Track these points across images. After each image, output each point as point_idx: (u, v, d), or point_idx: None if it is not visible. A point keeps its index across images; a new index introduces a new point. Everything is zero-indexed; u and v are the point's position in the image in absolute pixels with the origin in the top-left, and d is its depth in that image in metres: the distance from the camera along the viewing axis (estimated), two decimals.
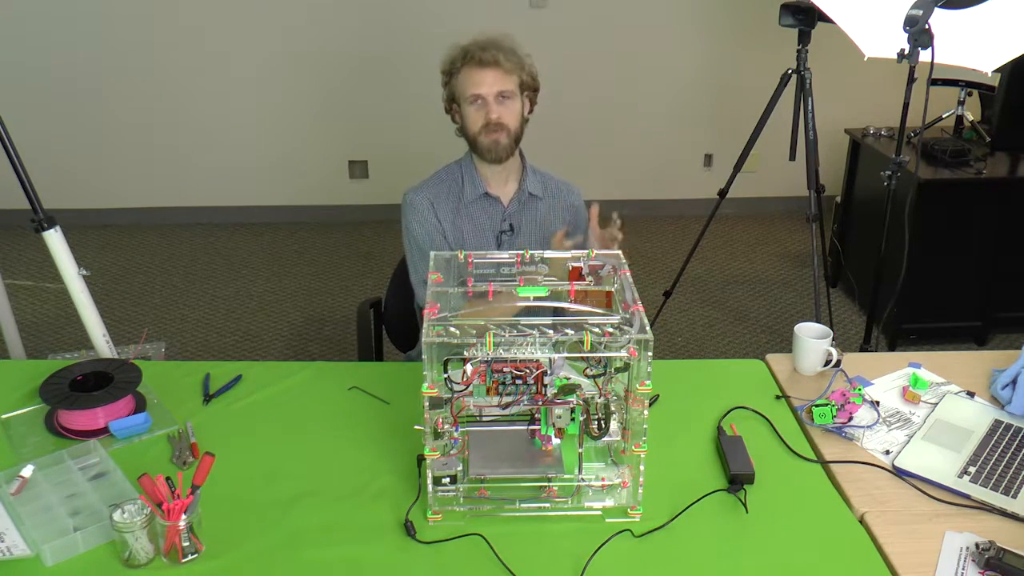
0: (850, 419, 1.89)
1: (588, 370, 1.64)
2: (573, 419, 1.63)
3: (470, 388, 1.60)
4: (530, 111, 2.27)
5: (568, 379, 1.65)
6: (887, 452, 1.84)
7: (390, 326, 2.54)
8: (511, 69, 2.17)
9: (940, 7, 2.48)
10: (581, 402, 1.63)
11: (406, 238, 2.30)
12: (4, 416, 1.90)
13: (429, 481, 1.62)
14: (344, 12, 4.50)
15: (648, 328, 1.56)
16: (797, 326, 2.10)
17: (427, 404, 1.56)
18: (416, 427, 1.64)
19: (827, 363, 2.09)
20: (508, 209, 2.28)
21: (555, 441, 1.70)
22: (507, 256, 1.81)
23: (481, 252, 1.83)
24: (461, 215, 2.27)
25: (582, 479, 1.67)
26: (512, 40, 2.20)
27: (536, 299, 1.76)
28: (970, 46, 2.66)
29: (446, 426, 1.62)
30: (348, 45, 4.57)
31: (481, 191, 2.26)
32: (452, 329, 1.56)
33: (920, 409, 1.98)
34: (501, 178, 2.27)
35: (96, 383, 1.92)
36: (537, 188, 2.30)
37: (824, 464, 1.81)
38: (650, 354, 1.55)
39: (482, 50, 2.15)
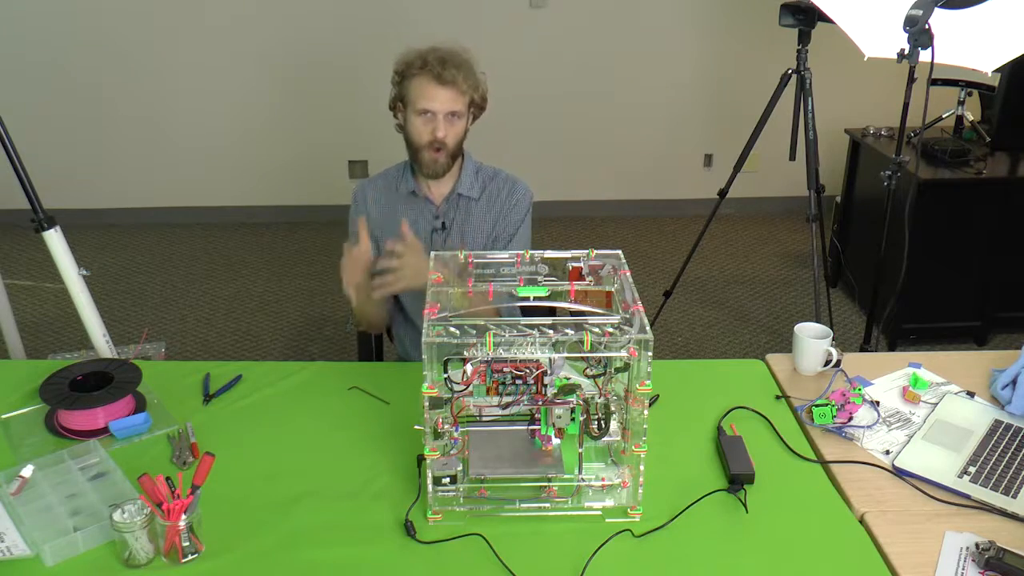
0: (850, 419, 1.89)
1: (588, 370, 1.64)
2: (573, 419, 1.63)
3: (470, 388, 1.60)
4: (472, 122, 2.27)
5: (568, 379, 1.65)
6: (887, 452, 1.84)
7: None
8: (466, 91, 2.17)
9: (940, 7, 2.48)
10: (581, 402, 1.63)
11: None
12: (4, 416, 1.90)
13: (429, 481, 1.62)
14: (345, 11, 4.51)
15: (648, 328, 1.56)
16: (797, 326, 2.10)
17: (427, 404, 1.56)
18: (416, 427, 1.64)
19: (827, 363, 2.09)
20: (440, 208, 2.30)
21: (555, 441, 1.70)
22: (507, 256, 1.82)
23: (481, 252, 1.83)
24: (396, 209, 2.30)
25: (582, 479, 1.67)
26: (470, 56, 2.20)
27: (536, 299, 1.76)
28: (970, 46, 2.66)
29: (446, 426, 1.62)
30: (348, 45, 4.57)
31: (410, 188, 2.29)
32: (452, 329, 1.56)
33: (920, 409, 1.98)
34: (428, 178, 2.29)
35: (96, 383, 1.92)
36: (473, 190, 2.29)
37: (824, 464, 1.81)
38: (650, 354, 1.55)
39: (442, 66, 2.14)
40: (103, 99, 4.59)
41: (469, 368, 1.58)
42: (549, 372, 1.61)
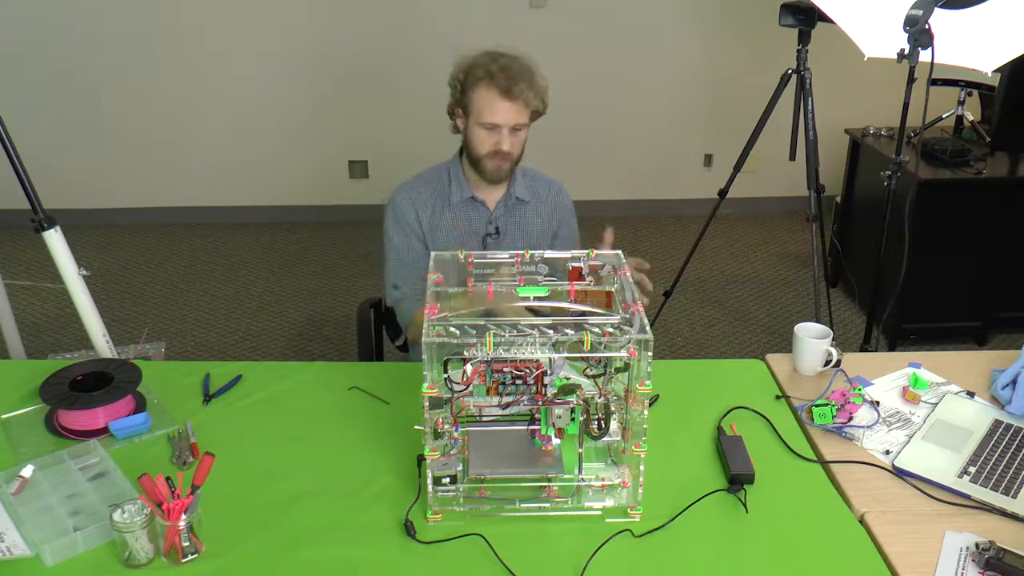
0: (850, 419, 1.89)
1: (588, 370, 1.64)
2: (573, 419, 1.63)
3: (470, 388, 1.60)
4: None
5: (568, 379, 1.65)
6: (887, 452, 1.84)
7: (390, 326, 2.54)
8: (531, 103, 2.14)
9: (940, 7, 2.49)
10: (581, 402, 1.63)
11: (385, 240, 2.30)
12: (4, 416, 1.90)
13: (429, 481, 1.62)
14: (344, 12, 4.50)
15: (648, 328, 1.56)
16: (797, 326, 2.10)
17: (427, 404, 1.56)
18: (416, 427, 1.64)
19: (827, 363, 2.09)
20: (494, 212, 2.28)
21: (555, 441, 1.70)
22: (507, 256, 1.82)
23: (481, 252, 1.83)
24: (446, 217, 2.27)
25: (582, 479, 1.67)
26: (533, 63, 2.16)
27: (536, 299, 1.76)
28: (970, 46, 2.66)
29: (446, 426, 1.62)
30: (348, 45, 4.57)
31: (468, 195, 2.26)
32: (452, 329, 1.56)
33: (920, 409, 1.98)
34: (491, 184, 2.27)
35: (96, 383, 1.92)
36: (525, 193, 2.29)
37: (824, 464, 1.81)
38: (650, 354, 1.55)
39: (510, 80, 2.09)
40: (103, 99, 4.59)
41: (469, 368, 1.58)
42: (549, 372, 1.61)
